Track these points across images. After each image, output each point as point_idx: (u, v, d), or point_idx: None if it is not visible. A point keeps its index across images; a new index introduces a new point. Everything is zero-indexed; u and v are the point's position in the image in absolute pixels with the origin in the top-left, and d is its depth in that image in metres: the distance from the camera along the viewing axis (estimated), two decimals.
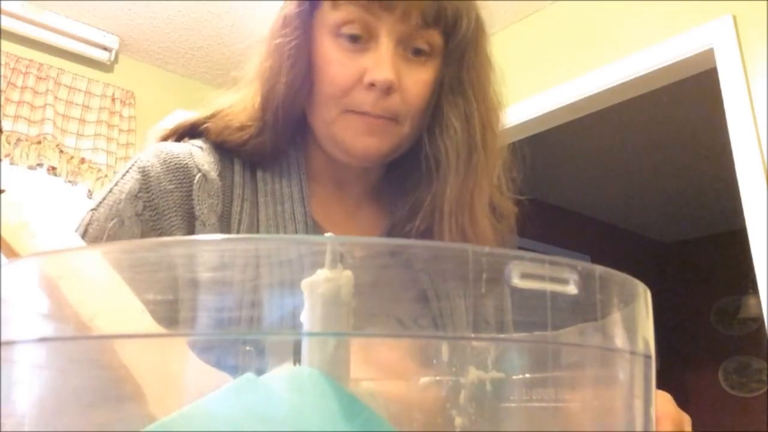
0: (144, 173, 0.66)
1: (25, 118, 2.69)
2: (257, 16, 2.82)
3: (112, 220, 0.63)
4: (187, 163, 0.67)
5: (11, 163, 2.65)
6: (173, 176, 0.66)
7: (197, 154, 0.68)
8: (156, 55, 3.12)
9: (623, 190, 4.49)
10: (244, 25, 2.90)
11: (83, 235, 0.64)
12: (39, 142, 2.71)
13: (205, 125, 0.72)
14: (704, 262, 5.13)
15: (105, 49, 2.97)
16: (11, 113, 2.67)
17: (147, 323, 0.26)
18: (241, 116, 0.70)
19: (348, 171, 0.73)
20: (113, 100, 2.97)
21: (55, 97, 2.80)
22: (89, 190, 2.80)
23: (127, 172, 0.67)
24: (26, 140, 2.68)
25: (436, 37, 0.66)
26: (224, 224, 0.66)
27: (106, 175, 2.83)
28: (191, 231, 0.64)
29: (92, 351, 0.29)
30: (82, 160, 2.81)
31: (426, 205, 0.69)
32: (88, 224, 0.64)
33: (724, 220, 4.62)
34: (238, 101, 0.72)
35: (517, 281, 0.26)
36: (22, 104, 2.70)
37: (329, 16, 0.66)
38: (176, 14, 2.84)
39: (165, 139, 0.73)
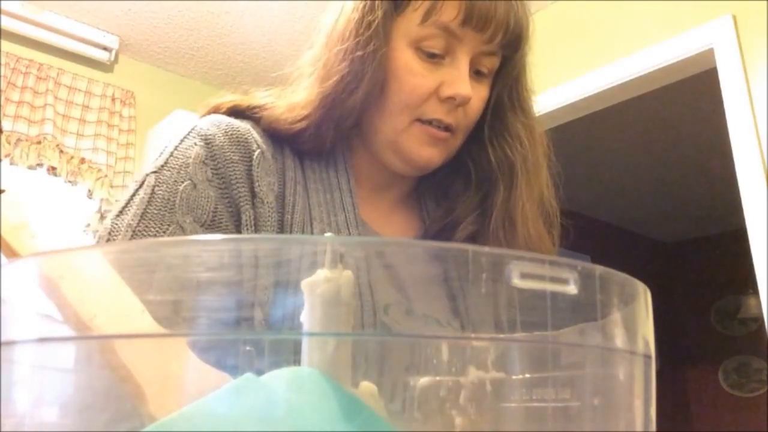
0: (207, 141, 0.65)
1: (25, 118, 2.69)
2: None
3: (183, 182, 0.62)
4: (247, 138, 0.67)
5: (11, 163, 2.65)
6: (236, 148, 0.65)
7: (254, 131, 0.68)
8: (156, 55, 3.12)
9: (623, 190, 4.49)
10: (245, 25, 2.90)
11: (151, 196, 0.62)
12: (39, 142, 2.71)
13: (255, 112, 0.71)
14: (704, 262, 5.13)
15: (105, 49, 2.97)
16: (11, 113, 2.67)
17: (147, 323, 0.26)
18: (293, 113, 0.70)
19: (388, 176, 0.75)
20: (113, 100, 2.97)
21: (55, 97, 2.80)
22: (89, 190, 2.80)
23: (186, 137, 0.66)
24: (26, 140, 2.68)
25: (496, 61, 0.70)
26: (280, 204, 0.66)
27: (105, 175, 2.83)
28: (252, 206, 0.64)
29: (92, 351, 0.29)
30: (82, 160, 2.81)
31: (497, 211, 0.72)
32: (155, 186, 0.62)
33: (724, 220, 4.61)
34: (289, 97, 0.72)
35: (517, 281, 0.26)
36: (22, 104, 2.70)
37: (414, 29, 0.67)
38: (176, 14, 2.84)
39: (214, 112, 0.72)
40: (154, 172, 0.64)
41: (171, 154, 0.65)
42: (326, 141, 0.70)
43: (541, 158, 0.76)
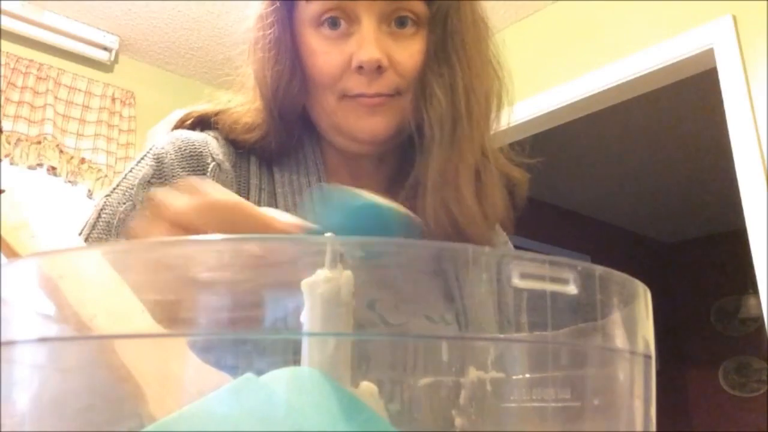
0: (158, 160, 0.66)
1: (25, 118, 2.69)
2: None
3: (124, 204, 0.64)
4: (201, 151, 0.67)
5: (11, 163, 2.65)
6: (187, 163, 0.66)
7: (212, 143, 0.68)
8: (156, 55, 3.12)
9: (623, 190, 4.49)
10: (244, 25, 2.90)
11: (97, 220, 0.64)
12: (39, 142, 2.71)
13: (216, 119, 0.72)
14: (704, 262, 5.13)
15: (105, 49, 2.97)
16: (11, 113, 2.67)
17: (147, 323, 0.26)
18: (246, 117, 0.70)
19: (362, 164, 0.73)
20: (113, 100, 2.97)
21: (55, 97, 2.80)
22: (89, 190, 2.80)
23: (143, 159, 0.67)
24: (26, 140, 2.68)
25: (418, 5, 0.65)
26: None
27: (106, 175, 2.83)
28: None
29: (92, 351, 0.29)
30: (82, 160, 2.81)
31: (408, 183, 0.67)
32: (102, 209, 0.64)
33: (724, 220, 4.61)
34: (241, 102, 0.73)
35: (517, 281, 0.26)
36: (22, 104, 2.70)
37: (306, 10, 0.66)
38: (176, 14, 2.84)
39: (179, 126, 0.73)
40: (107, 194, 0.66)
41: (125, 177, 0.66)
42: (283, 143, 0.69)
43: (467, 114, 0.66)
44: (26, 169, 2.68)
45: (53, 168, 2.74)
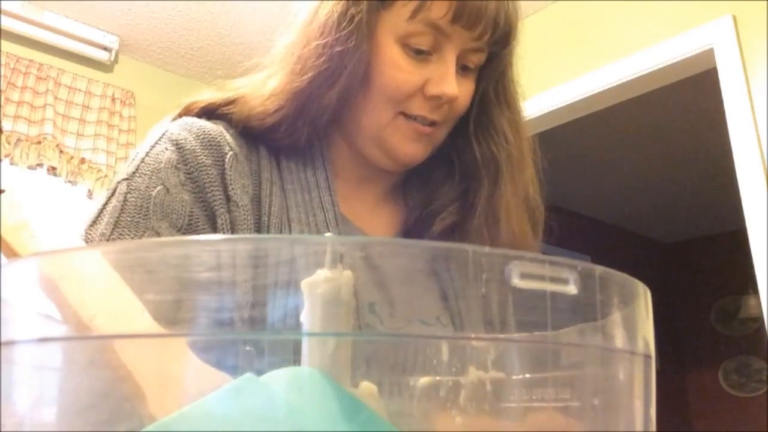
0: (178, 145, 0.64)
1: (25, 118, 2.69)
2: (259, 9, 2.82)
3: (156, 187, 0.61)
4: (219, 140, 0.65)
5: (11, 163, 2.65)
6: (208, 151, 0.64)
7: (226, 133, 0.67)
8: (156, 55, 3.12)
9: (623, 190, 4.49)
10: (245, 25, 2.90)
11: (123, 204, 0.61)
12: (39, 142, 2.71)
13: (227, 109, 0.70)
14: (704, 262, 5.13)
15: (105, 49, 2.97)
16: (11, 113, 2.67)
17: (147, 323, 0.26)
18: (267, 103, 0.68)
19: (371, 170, 0.73)
20: (113, 100, 2.97)
21: (55, 97, 2.80)
22: (89, 190, 2.80)
23: (157, 143, 0.65)
24: (26, 140, 2.68)
25: (483, 57, 0.70)
26: (255, 207, 0.65)
27: (106, 175, 2.83)
28: (228, 210, 0.63)
29: (92, 351, 0.29)
30: (82, 160, 2.81)
31: (480, 207, 0.71)
32: (127, 193, 0.61)
33: (724, 220, 4.62)
34: (262, 87, 0.70)
35: (517, 281, 0.26)
36: (22, 104, 2.70)
37: (402, 25, 0.66)
38: (176, 14, 2.84)
39: (184, 114, 0.71)
40: (126, 179, 0.63)
41: (142, 161, 0.64)
42: (301, 136, 0.69)
43: (527, 154, 0.75)
44: (26, 169, 2.68)
45: (53, 168, 2.74)
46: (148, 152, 0.64)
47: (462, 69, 0.69)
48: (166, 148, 0.64)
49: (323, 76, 0.65)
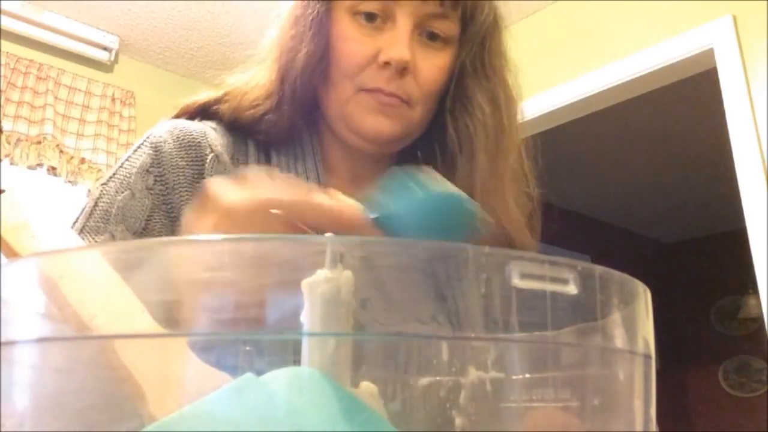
0: (156, 148, 0.65)
1: (25, 118, 2.69)
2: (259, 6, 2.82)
3: (122, 192, 0.63)
4: (200, 142, 0.67)
5: (11, 163, 2.65)
6: (185, 153, 0.65)
7: (211, 134, 0.68)
8: (156, 55, 3.12)
9: (623, 190, 4.49)
10: (245, 25, 2.90)
11: (93, 209, 0.63)
12: (39, 142, 2.70)
13: (217, 107, 0.71)
14: (704, 262, 5.13)
15: (105, 49, 2.97)
16: (11, 113, 2.67)
17: (147, 323, 0.26)
18: (255, 92, 0.70)
19: (363, 164, 0.73)
20: (113, 100, 2.97)
21: (55, 97, 2.80)
22: (89, 190, 2.80)
23: (139, 147, 0.67)
24: (26, 140, 2.68)
25: (452, 25, 0.67)
26: None
27: None
28: None
29: (92, 351, 0.29)
30: (82, 160, 2.81)
31: (461, 187, 0.69)
32: (98, 198, 0.64)
33: (724, 220, 4.61)
34: (251, 79, 0.72)
35: (517, 281, 0.26)
36: (22, 104, 2.70)
37: None
38: (176, 14, 2.84)
39: (180, 115, 0.73)
40: (103, 183, 0.66)
41: (121, 165, 0.66)
42: (289, 124, 0.69)
43: (509, 126, 0.70)
44: (26, 169, 2.68)
45: (53, 168, 2.74)
46: (129, 156, 0.67)
47: (429, 38, 0.67)
48: (144, 152, 0.66)
49: (296, 43, 0.67)
